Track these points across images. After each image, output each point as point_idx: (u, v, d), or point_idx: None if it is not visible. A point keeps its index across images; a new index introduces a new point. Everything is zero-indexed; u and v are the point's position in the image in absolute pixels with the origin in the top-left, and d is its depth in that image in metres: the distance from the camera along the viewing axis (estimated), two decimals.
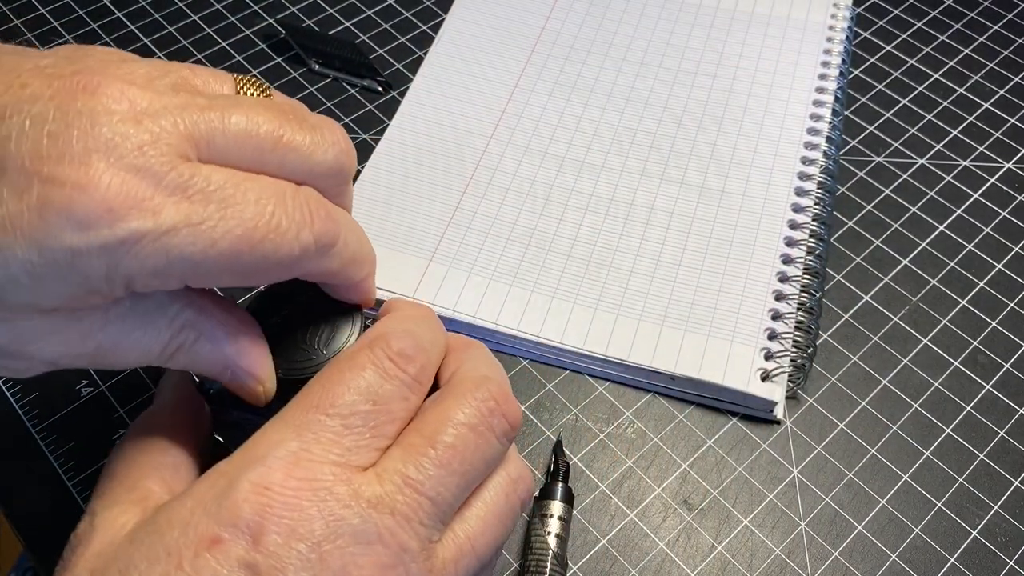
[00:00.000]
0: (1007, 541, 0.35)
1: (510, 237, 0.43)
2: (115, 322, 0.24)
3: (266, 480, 0.22)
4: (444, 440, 0.24)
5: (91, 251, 0.21)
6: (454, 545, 0.24)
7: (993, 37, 0.54)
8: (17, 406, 0.37)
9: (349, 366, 0.24)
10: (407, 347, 0.25)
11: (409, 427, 0.25)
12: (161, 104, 0.22)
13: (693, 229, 0.43)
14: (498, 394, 0.26)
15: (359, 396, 0.24)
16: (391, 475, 0.23)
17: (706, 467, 0.37)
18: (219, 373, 0.26)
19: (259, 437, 0.23)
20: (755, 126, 0.47)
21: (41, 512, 0.35)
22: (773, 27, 0.52)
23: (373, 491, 0.23)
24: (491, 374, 0.27)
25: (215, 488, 0.22)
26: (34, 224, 0.20)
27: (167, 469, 0.26)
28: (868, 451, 0.37)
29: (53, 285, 0.21)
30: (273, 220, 0.23)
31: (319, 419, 0.23)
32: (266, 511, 0.21)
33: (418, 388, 0.25)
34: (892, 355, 0.40)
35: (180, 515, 0.22)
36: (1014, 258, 0.44)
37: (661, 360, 0.38)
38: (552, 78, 0.50)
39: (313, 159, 0.25)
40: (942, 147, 0.48)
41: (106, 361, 0.24)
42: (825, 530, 0.35)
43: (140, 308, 0.24)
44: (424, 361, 0.26)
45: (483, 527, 0.25)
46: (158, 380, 0.38)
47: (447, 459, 0.24)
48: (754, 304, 0.40)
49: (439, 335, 0.28)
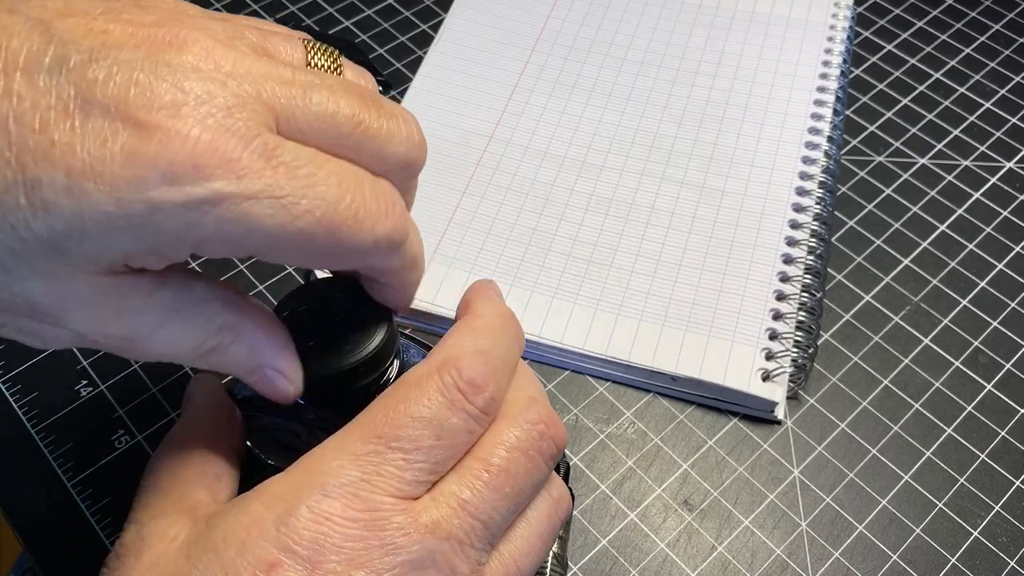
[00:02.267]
0: (1008, 541, 0.35)
1: (510, 237, 0.43)
2: (156, 309, 0.23)
3: (326, 509, 0.22)
4: (497, 464, 0.24)
5: (171, 208, 0.20)
6: (500, 567, 0.24)
7: (994, 36, 0.54)
8: (16, 406, 0.37)
9: (416, 393, 0.24)
10: (477, 375, 0.24)
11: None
12: (245, 68, 0.22)
13: (694, 229, 0.43)
14: (547, 417, 0.25)
15: (424, 430, 0.23)
16: (447, 498, 0.23)
17: (707, 467, 0.37)
18: (248, 374, 0.25)
19: (317, 460, 0.23)
20: (756, 126, 0.47)
21: (40, 513, 0.34)
22: (774, 27, 0.52)
23: (430, 516, 0.23)
24: (536, 395, 0.26)
25: (272, 511, 0.22)
26: (117, 173, 0.19)
27: (211, 479, 0.25)
28: (869, 451, 0.37)
29: (120, 240, 0.20)
30: (353, 206, 0.22)
31: (381, 451, 0.23)
32: (325, 540, 0.21)
33: (484, 420, 0.25)
34: (893, 355, 0.40)
35: (237, 534, 0.22)
36: (1015, 258, 0.44)
37: (662, 360, 0.38)
38: (552, 78, 0.50)
39: (387, 149, 0.24)
40: (943, 147, 0.48)
41: (133, 348, 0.23)
42: (826, 530, 0.35)
43: (184, 298, 0.23)
44: (494, 389, 0.25)
45: (527, 548, 0.25)
46: (158, 381, 0.38)
47: (500, 483, 0.24)
48: (755, 304, 0.40)
49: (514, 349, 0.27)
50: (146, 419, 0.37)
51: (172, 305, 0.23)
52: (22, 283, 0.21)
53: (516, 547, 0.25)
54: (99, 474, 0.35)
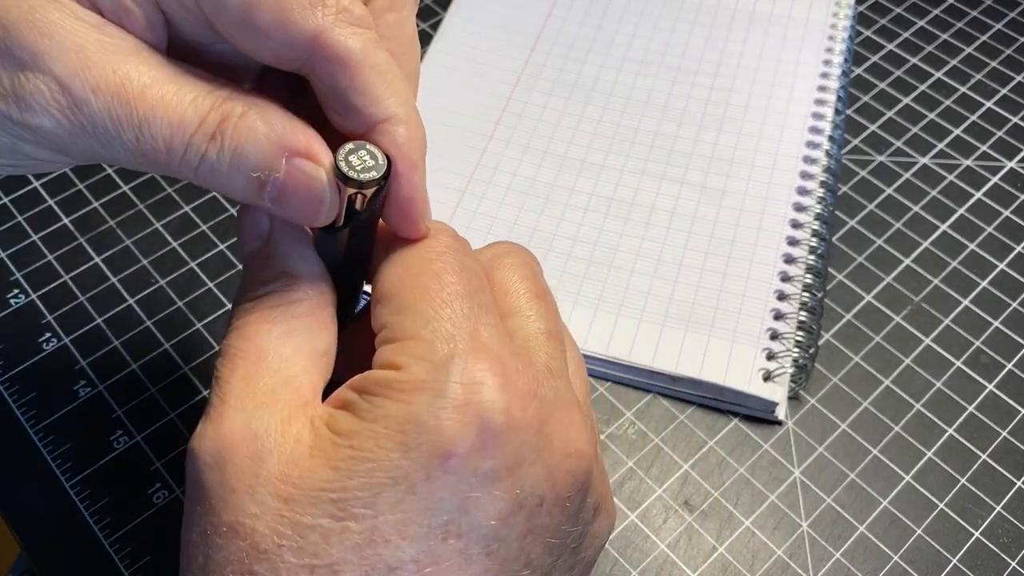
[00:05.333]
0: (1009, 542, 0.35)
1: (510, 237, 0.42)
2: (152, 59, 0.21)
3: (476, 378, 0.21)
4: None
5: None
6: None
7: (996, 36, 0.54)
8: (15, 406, 0.37)
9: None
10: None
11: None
12: None
13: (694, 229, 0.43)
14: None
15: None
16: (536, 342, 0.24)
17: (707, 468, 0.37)
18: (269, 168, 0.21)
19: (427, 365, 0.21)
20: (756, 125, 0.47)
21: (38, 513, 0.34)
22: (774, 26, 0.52)
23: (541, 360, 0.23)
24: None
25: (418, 410, 0.20)
26: None
27: (320, 358, 0.23)
28: (870, 452, 0.37)
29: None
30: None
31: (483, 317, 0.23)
32: (485, 427, 0.21)
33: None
34: (894, 355, 0.40)
35: (390, 433, 0.20)
36: (1016, 258, 0.44)
37: (662, 360, 0.38)
38: (552, 77, 0.50)
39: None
40: (944, 146, 0.48)
41: (120, 115, 0.20)
42: (827, 531, 0.35)
43: (184, 65, 0.21)
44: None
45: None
46: (157, 381, 0.38)
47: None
48: (756, 304, 0.40)
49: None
50: (145, 419, 0.37)
51: (172, 64, 0.21)
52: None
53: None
54: (98, 474, 0.35)
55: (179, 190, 0.44)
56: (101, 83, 0.20)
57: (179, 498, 0.35)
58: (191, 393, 0.38)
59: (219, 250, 0.42)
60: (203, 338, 0.39)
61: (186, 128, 0.21)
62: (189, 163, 0.21)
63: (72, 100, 0.20)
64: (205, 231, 0.43)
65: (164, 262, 0.42)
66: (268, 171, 0.21)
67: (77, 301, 0.40)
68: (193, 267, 0.42)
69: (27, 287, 0.40)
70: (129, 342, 0.39)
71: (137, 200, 0.44)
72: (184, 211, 0.43)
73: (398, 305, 0.22)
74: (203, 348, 0.39)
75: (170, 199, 0.44)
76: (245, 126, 0.21)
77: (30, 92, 0.20)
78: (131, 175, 0.45)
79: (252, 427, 0.21)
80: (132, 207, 0.43)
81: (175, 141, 0.21)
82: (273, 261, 0.24)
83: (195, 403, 0.37)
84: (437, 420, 0.20)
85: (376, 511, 0.20)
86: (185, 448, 0.36)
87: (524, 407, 0.21)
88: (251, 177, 0.21)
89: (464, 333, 0.22)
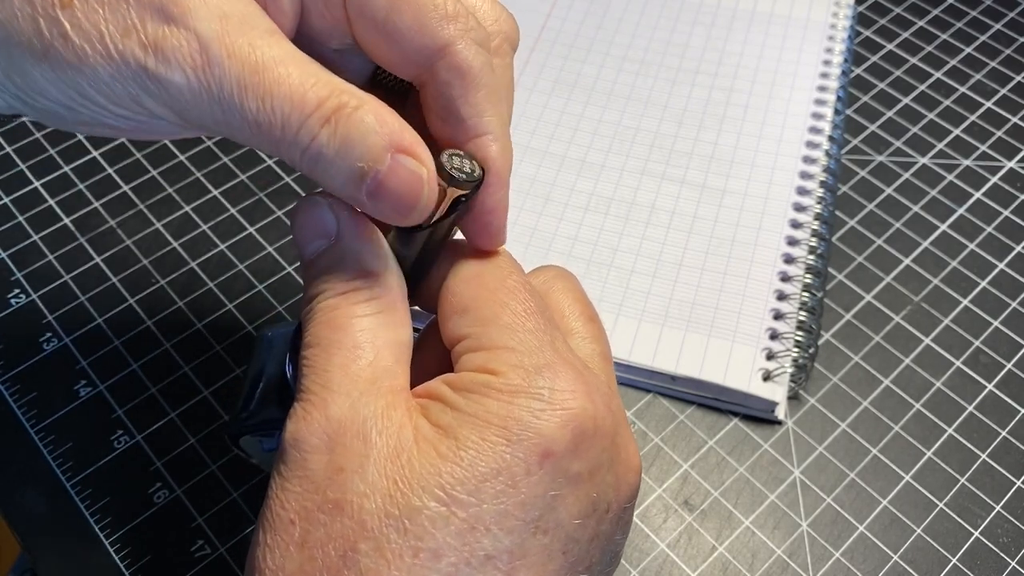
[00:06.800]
0: (1009, 542, 0.35)
1: (510, 237, 0.42)
2: (284, 44, 0.22)
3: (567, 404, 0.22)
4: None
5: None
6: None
7: (995, 36, 0.54)
8: (15, 406, 0.37)
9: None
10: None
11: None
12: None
13: (694, 228, 0.43)
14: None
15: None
16: (594, 362, 0.26)
17: (707, 468, 0.37)
18: (380, 153, 0.22)
19: (525, 369, 0.23)
20: (756, 125, 0.47)
21: (39, 513, 0.34)
22: (774, 26, 0.52)
23: (603, 379, 0.25)
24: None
25: (520, 410, 0.22)
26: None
27: (405, 350, 0.24)
28: (870, 451, 0.37)
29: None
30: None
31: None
32: (579, 431, 0.22)
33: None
34: (894, 355, 0.40)
35: (490, 435, 0.21)
36: (1016, 258, 0.44)
37: (662, 360, 0.38)
38: (552, 77, 0.50)
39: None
40: (944, 146, 0.48)
41: (256, 81, 0.21)
42: (827, 531, 0.35)
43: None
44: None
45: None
46: (157, 381, 0.38)
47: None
48: (756, 304, 0.40)
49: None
50: (145, 419, 0.37)
51: (299, 51, 0.22)
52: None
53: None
54: (98, 474, 0.35)
55: (179, 190, 0.44)
56: (236, 50, 0.21)
57: (180, 497, 0.35)
58: (191, 393, 0.38)
59: (219, 250, 0.42)
60: (203, 338, 0.39)
61: (305, 107, 0.21)
62: (299, 142, 0.22)
63: (207, 60, 0.21)
64: (206, 231, 0.43)
65: (164, 262, 0.42)
66: (373, 163, 0.22)
67: (77, 301, 0.40)
68: (193, 267, 0.42)
69: (28, 287, 0.41)
70: (129, 342, 0.39)
71: (137, 200, 0.44)
72: (184, 211, 0.44)
73: (478, 317, 0.24)
74: (203, 348, 0.39)
75: (170, 199, 0.44)
76: (358, 117, 0.22)
77: (171, 46, 0.21)
78: (131, 175, 0.45)
79: (359, 411, 0.22)
80: (132, 207, 0.43)
81: (292, 118, 0.21)
82: (349, 257, 0.24)
83: (195, 403, 0.37)
84: (538, 420, 0.21)
85: (479, 499, 0.21)
86: (185, 447, 0.36)
87: (605, 417, 0.23)
88: (355, 167, 0.22)
89: (547, 346, 0.23)
